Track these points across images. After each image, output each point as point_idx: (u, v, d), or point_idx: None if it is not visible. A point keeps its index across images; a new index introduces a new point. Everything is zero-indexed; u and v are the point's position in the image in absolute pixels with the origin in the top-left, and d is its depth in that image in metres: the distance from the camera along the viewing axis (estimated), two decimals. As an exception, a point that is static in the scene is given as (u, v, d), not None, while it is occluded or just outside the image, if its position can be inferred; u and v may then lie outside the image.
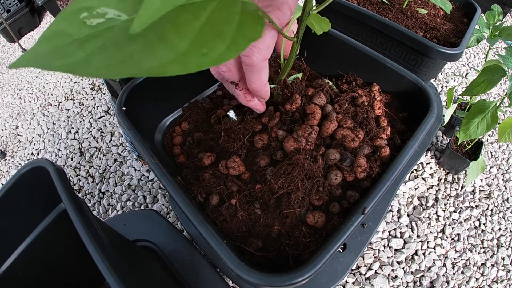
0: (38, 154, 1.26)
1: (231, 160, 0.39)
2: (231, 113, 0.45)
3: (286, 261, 0.33)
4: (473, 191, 1.01)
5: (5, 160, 1.27)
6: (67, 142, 1.26)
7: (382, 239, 0.91)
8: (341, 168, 0.36)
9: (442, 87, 1.30)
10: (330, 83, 0.47)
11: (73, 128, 1.30)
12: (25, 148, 1.30)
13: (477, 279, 0.86)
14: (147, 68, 0.15)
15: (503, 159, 1.09)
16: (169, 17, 0.17)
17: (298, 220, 0.35)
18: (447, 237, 0.92)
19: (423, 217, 0.95)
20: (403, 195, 0.99)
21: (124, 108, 0.43)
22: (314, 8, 0.31)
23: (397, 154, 0.36)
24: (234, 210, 0.36)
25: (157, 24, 0.16)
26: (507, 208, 0.98)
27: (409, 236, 0.91)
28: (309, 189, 0.35)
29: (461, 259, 0.89)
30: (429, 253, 0.89)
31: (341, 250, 0.53)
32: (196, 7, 0.17)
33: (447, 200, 0.99)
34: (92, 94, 1.42)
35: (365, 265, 0.87)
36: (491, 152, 1.11)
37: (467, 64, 1.40)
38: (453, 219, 0.95)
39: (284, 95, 0.41)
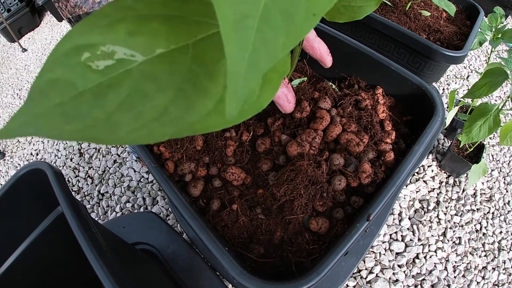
0: (37, 154, 1.25)
1: (228, 173, 0.38)
2: None
3: (289, 268, 0.33)
4: (474, 194, 1.00)
5: (4, 160, 1.26)
6: (66, 143, 1.25)
7: (383, 243, 0.90)
8: (345, 173, 0.36)
9: (443, 89, 1.29)
10: (334, 86, 0.46)
11: (72, 128, 1.30)
12: (24, 148, 1.29)
13: (478, 283, 0.85)
14: (188, 124, 0.12)
15: (505, 162, 1.08)
16: (198, 61, 0.14)
17: (301, 226, 0.34)
18: (448, 240, 0.91)
19: (424, 220, 0.94)
20: (404, 198, 0.98)
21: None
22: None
23: (401, 158, 0.36)
24: (236, 216, 0.36)
25: (186, 69, 0.13)
26: (508, 211, 0.98)
27: (410, 240, 0.91)
28: (313, 195, 0.34)
29: (462, 263, 0.88)
30: (430, 257, 0.88)
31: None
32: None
33: (449, 203, 0.98)
34: (91, 94, 1.42)
35: (366, 269, 0.86)
36: (492, 155, 1.10)
37: (469, 67, 1.40)
38: (454, 222, 0.95)
39: None
